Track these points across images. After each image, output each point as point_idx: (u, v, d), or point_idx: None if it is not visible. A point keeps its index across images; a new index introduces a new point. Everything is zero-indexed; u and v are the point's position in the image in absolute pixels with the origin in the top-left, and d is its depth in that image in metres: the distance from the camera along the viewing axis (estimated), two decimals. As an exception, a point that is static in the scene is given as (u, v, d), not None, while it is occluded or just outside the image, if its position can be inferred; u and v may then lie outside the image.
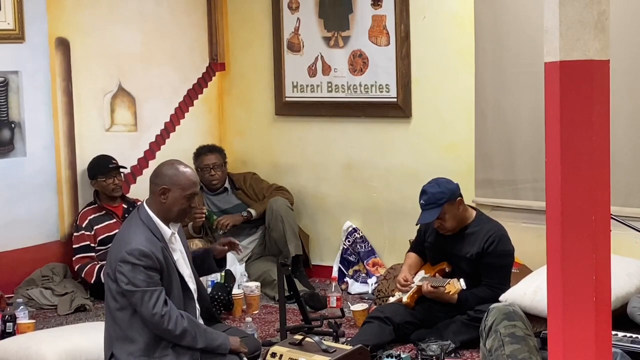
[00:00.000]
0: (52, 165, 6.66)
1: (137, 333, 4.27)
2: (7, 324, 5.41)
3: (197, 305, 4.51)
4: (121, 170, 6.70)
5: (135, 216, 4.41)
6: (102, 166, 6.63)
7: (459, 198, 5.35)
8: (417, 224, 5.47)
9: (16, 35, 6.40)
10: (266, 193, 6.99)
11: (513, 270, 5.49)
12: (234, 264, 6.56)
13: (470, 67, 6.27)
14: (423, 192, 5.34)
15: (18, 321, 5.47)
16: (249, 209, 6.88)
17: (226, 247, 4.81)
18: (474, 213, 5.47)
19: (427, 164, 6.40)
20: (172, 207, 4.36)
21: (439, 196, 5.27)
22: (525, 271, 5.67)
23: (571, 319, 2.87)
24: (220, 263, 4.82)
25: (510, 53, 6.08)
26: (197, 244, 6.58)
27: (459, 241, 5.38)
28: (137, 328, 4.27)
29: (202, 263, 4.73)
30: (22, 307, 5.67)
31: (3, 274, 6.27)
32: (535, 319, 4.81)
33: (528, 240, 5.77)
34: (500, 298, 5.13)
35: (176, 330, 4.23)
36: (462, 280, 5.27)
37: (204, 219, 6.67)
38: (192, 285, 4.49)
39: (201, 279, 4.73)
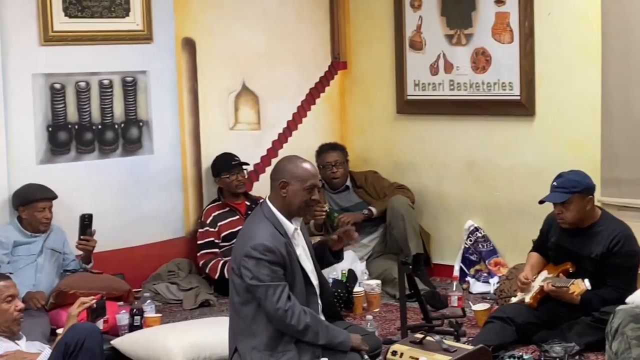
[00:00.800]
0: (178, 163, 6.80)
1: (260, 328, 4.33)
2: (135, 317, 5.54)
3: (320, 301, 4.54)
4: (244, 167, 6.80)
5: (259, 212, 4.48)
6: (226, 163, 6.74)
7: (590, 197, 5.25)
8: (540, 202, 5.34)
9: (145, 36, 6.56)
10: (387, 191, 6.99)
11: (640, 272, 5.37)
12: (355, 262, 6.58)
13: (596, 63, 6.15)
14: (559, 176, 5.26)
15: (145, 315, 5.60)
16: (369, 207, 6.89)
17: (341, 238, 4.75)
18: (599, 212, 5.37)
19: (551, 163, 6.29)
20: (293, 200, 4.40)
21: (574, 183, 5.19)
22: (653, 273, 5.54)
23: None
24: (337, 255, 4.79)
25: (638, 48, 5.94)
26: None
27: (584, 241, 5.28)
28: (261, 323, 4.32)
29: (321, 255, 4.73)
30: (149, 301, 5.81)
31: (131, 269, 6.42)
32: (663, 323, 4.69)
33: (656, 242, 5.62)
34: (627, 300, 5.01)
35: (299, 326, 4.27)
36: (586, 280, 5.17)
37: (324, 216, 6.71)
38: (315, 281, 4.52)
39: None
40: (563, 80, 6.38)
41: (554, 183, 5.25)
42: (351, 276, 6.24)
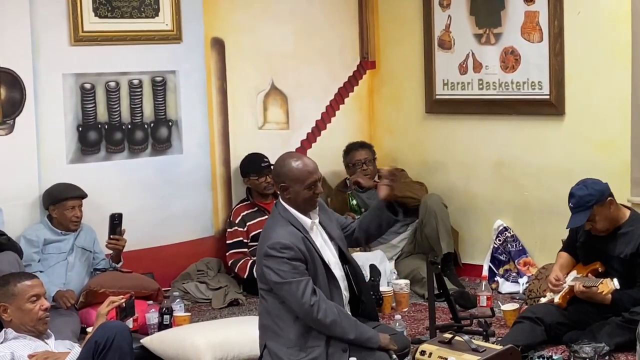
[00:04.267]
0: (207, 162, 6.83)
1: (288, 325, 4.36)
2: (164, 316, 5.57)
3: (345, 293, 4.55)
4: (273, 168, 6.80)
5: (275, 212, 4.53)
6: (255, 165, 6.75)
7: (609, 198, 5.21)
8: (567, 228, 5.37)
9: (174, 36, 6.59)
10: None
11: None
12: (384, 261, 6.58)
13: (626, 63, 6.11)
14: (571, 195, 5.23)
15: (174, 314, 5.62)
16: None
17: (382, 181, 4.69)
18: (628, 212, 5.34)
19: (581, 163, 6.27)
20: (297, 199, 4.46)
21: (587, 199, 5.15)
22: (684, 273, 5.49)
23: None
24: (393, 210, 4.69)
25: (669, 48, 5.91)
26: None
27: (613, 241, 5.25)
28: (288, 320, 4.36)
29: (380, 220, 4.70)
30: (178, 300, 5.83)
31: (160, 268, 6.46)
32: (694, 323, 4.66)
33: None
34: (657, 300, 5.00)
35: (326, 320, 4.29)
36: (615, 280, 5.14)
37: None
38: (338, 272, 4.53)
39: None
40: (593, 80, 6.34)
41: (570, 204, 5.22)
42: (374, 271, 6.24)
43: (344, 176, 7.09)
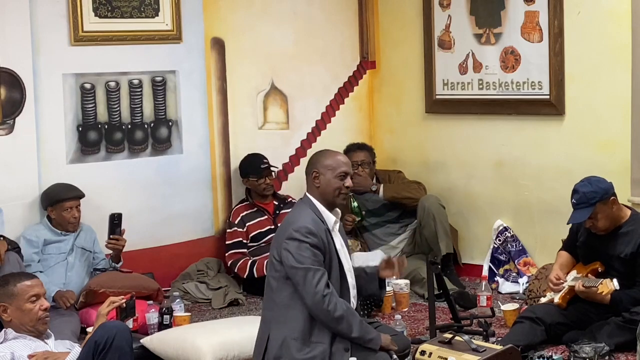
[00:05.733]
0: (207, 162, 6.83)
1: (294, 317, 4.37)
2: (165, 316, 5.57)
3: (353, 301, 4.56)
4: (272, 169, 6.80)
5: (300, 202, 4.61)
6: (254, 166, 6.73)
7: (612, 197, 5.21)
8: (568, 224, 5.38)
9: (174, 36, 6.59)
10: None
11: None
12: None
13: (626, 63, 6.11)
14: (574, 191, 5.24)
15: (174, 314, 5.62)
16: (381, 185, 6.85)
17: (391, 264, 4.82)
18: (628, 212, 5.34)
19: (581, 163, 6.27)
20: (326, 189, 4.50)
21: (591, 195, 5.16)
22: (684, 273, 5.49)
23: None
24: (381, 284, 4.84)
25: (669, 48, 5.91)
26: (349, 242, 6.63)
27: (613, 241, 5.25)
28: (295, 312, 4.37)
29: (367, 288, 4.78)
30: (178, 300, 5.83)
31: (160, 268, 6.46)
32: (694, 323, 4.66)
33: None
34: (657, 300, 5.00)
35: (335, 313, 4.30)
36: (615, 280, 5.14)
37: (350, 227, 6.70)
38: (351, 280, 4.56)
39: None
40: (593, 80, 6.34)
41: (573, 200, 5.23)
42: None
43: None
